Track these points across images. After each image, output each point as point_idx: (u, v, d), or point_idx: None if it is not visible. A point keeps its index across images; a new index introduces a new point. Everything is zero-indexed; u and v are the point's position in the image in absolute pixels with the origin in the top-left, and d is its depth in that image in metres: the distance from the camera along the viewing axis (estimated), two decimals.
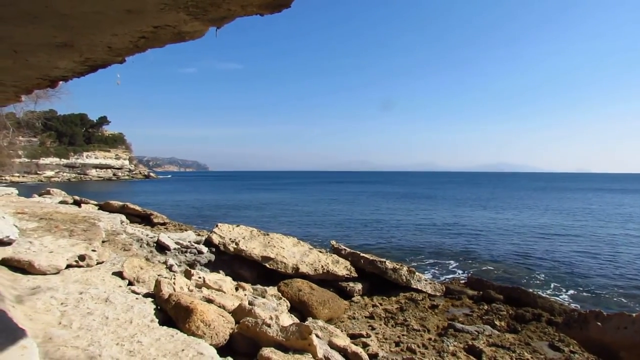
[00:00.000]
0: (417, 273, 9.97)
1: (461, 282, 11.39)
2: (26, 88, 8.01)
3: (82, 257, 5.55)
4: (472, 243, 19.18)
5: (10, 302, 3.20)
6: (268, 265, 9.16)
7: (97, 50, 4.85)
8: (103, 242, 7.12)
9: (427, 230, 23.37)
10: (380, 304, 8.90)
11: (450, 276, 12.75)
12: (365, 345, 6.46)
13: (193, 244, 9.25)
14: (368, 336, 6.97)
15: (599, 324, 5.83)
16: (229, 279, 6.76)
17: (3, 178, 72.60)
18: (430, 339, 7.19)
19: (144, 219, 15.02)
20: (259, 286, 7.82)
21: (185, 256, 8.71)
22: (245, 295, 6.40)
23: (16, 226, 6.71)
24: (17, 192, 14.30)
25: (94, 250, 5.91)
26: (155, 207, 20.41)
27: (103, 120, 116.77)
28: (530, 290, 10.16)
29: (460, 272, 13.52)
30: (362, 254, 10.24)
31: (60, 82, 7.24)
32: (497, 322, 8.13)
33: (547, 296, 10.14)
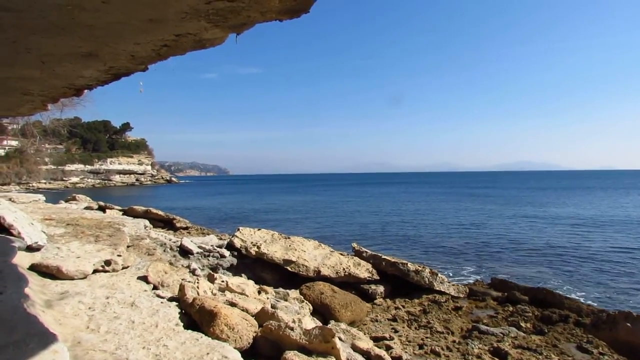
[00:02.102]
0: (439, 274, 9.87)
1: (485, 283, 11.21)
2: (53, 97, 8.19)
3: (108, 262, 5.65)
4: (495, 243, 18.90)
5: (40, 307, 3.28)
6: (290, 269, 9.18)
7: (121, 59, 4.94)
8: (128, 247, 7.24)
9: (449, 231, 23.12)
10: (403, 306, 8.83)
11: (473, 277, 12.56)
12: (388, 348, 6.42)
13: (215, 248, 9.33)
14: (391, 339, 6.92)
15: (629, 324, 5.69)
16: (251, 282, 6.80)
17: (30, 185, 74.64)
18: (454, 341, 7.10)
19: (167, 224, 15.23)
20: (281, 289, 7.84)
21: (208, 260, 8.79)
22: (267, 298, 6.43)
23: (44, 232, 6.89)
24: (44, 198, 14.64)
25: (119, 255, 6.02)
26: (177, 212, 20.69)
27: (126, 127, 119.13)
28: (557, 291, 9.94)
29: (483, 273, 13.32)
30: (383, 256, 10.18)
31: (85, 91, 7.39)
32: (522, 324, 7.98)
33: (574, 297, 9.92)
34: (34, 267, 4.98)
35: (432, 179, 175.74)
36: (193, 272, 7.22)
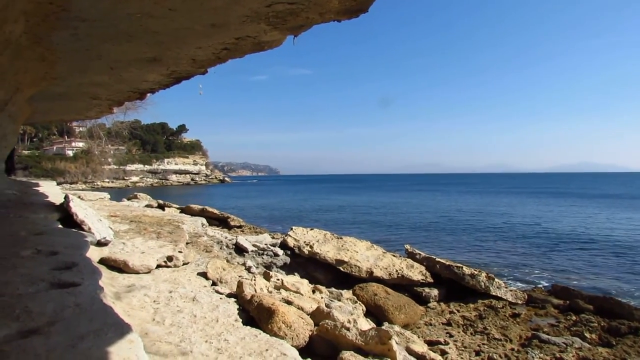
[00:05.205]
0: (496, 279, 9.52)
1: (544, 290, 10.71)
2: (118, 101, 8.63)
3: (170, 258, 5.90)
4: (554, 248, 18.00)
5: (110, 299, 3.47)
6: (342, 269, 9.19)
7: (183, 63, 5.15)
8: (187, 244, 7.52)
9: (505, 234, 22.27)
10: (458, 311, 8.60)
11: (532, 283, 12.03)
12: (443, 353, 6.28)
13: (269, 246, 9.51)
14: (446, 343, 6.76)
15: None
16: (305, 281, 6.87)
17: (95, 183, 79.27)
18: (512, 349, 6.82)
19: (222, 222, 15.66)
20: (334, 289, 7.87)
21: (262, 258, 8.98)
22: (322, 298, 6.47)
23: (111, 228, 7.29)
24: (109, 196, 15.44)
25: (180, 252, 6.26)
26: (230, 210, 21.22)
27: (182, 129, 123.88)
28: (625, 301, 9.32)
29: (542, 279, 12.72)
30: (437, 259, 9.97)
31: (148, 94, 7.73)
32: (587, 335, 7.52)
33: None
34: (102, 261, 5.28)
35: (487, 180, 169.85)
36: (249, 269, 7.39)
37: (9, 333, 2.04)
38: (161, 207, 16.69)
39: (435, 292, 9.19)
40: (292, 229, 10.63)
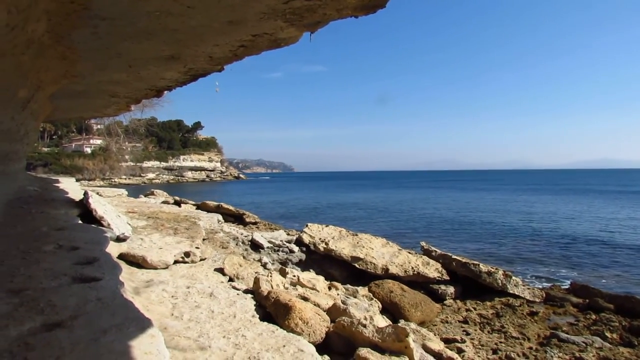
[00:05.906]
0: (513, 277, 9.42)
1: (562, 288, 10.55)
2: (136, 98, 8.71)
3: (187, 254, 5.96)
4: (573, 246, 17.72)
5: (130, 294, 3.52)
6: (357, 266, 9.19)
7: (200, 60, 5.17)
8: (203, 240, 7.59)
9: (522, 231, 22.00)
10: (474, 309, 8.53)
11: (550, 282, 11.86)
12: (460, 351, 6.24)
13: (285, 243, 9.56)
14: (463, 341, 6.72)
15: None
16: (321, 277, 6.88)
17: (112, 180, 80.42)
18: (531, 348, 6.74)
19: (237, 219, 15.74)
20: (349, 286, 7.87)
21: (278, 255, 9.02)
22: (338, 294, 6.49)
23: (129, 224, 7.39)
24: (126, 193, 15.62)
25: (197, 248, 6.33)
26: (245, 207, 21.31)
27: (197, 126, 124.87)
28: None
29: (561, 277, 12.55)
30: (453, 256, 9.90)
31: (165, 92, 7.78)
32: (607, 334, 7.38)
33: None
34: (121, 257, 5.35)
35: (506, 177, 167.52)
36: (264, 265, 7.44)
37: (34, 326, 2.09)
38: (177, 203, 16.84)
39: (451, 289, 9.13)
40: (307, 225, 10.65)
